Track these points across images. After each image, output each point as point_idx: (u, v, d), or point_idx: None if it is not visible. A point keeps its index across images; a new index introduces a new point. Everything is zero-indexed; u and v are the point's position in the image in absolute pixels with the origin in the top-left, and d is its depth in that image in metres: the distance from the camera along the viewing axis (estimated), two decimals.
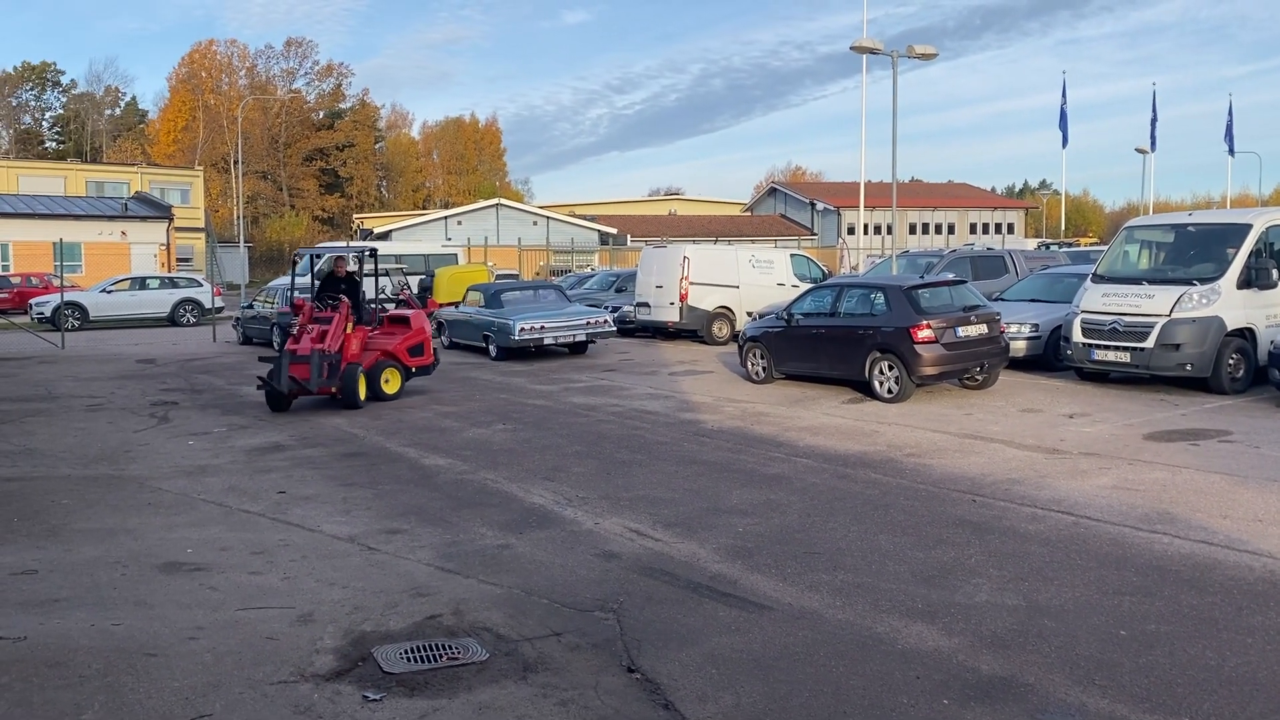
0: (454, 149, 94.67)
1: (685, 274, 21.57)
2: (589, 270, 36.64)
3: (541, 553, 7.03)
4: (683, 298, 21.57)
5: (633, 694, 4.78)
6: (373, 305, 14.93)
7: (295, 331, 14.12)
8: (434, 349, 15.39)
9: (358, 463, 10.30)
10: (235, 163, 60.25)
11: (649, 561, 6.78)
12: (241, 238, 51.42)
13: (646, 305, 22.52)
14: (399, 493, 8.94)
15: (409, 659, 5.20)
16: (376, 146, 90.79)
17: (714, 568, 6.60)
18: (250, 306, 24.72)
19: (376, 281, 15.55)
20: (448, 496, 8.75)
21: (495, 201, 55.85)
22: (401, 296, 26.23)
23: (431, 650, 5.30)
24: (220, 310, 30.84)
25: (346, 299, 14.19)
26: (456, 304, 22.41)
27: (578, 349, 20.20)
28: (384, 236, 46.80)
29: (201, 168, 61.50)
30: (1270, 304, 13.22)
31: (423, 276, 27.58)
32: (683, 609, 5.86)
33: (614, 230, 52.59)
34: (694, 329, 21.85)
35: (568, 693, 4.78)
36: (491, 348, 19.78)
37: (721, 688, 4.78)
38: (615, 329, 20.74)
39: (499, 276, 29.41)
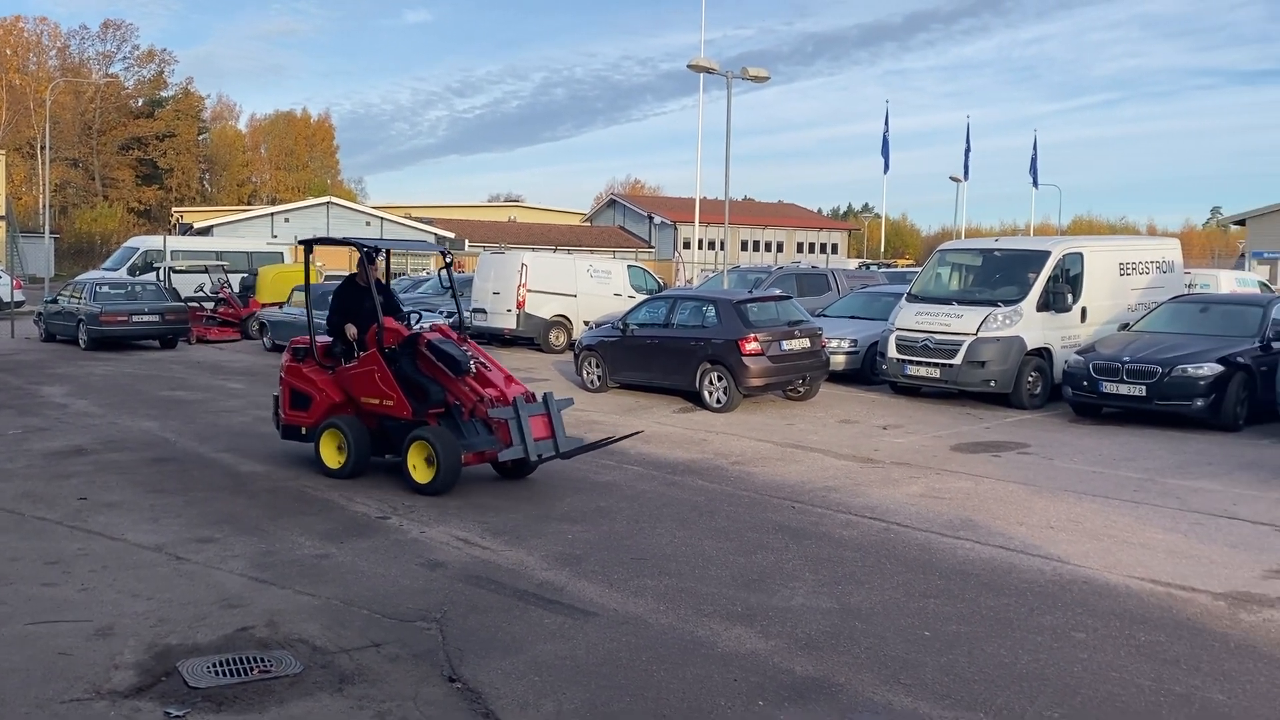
0: (284, 144, 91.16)
1: (523, 281, 21.48)
2: (424, 274, 35.97)
3: (363, 562, 6.84)
4: (520, 305, 21.46)
5: (453, 703, 4.71)
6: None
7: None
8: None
9: (168, 468, 9.76)
10: (42, 148, 56.20)
11: (475, 570, 6.71)
12: (47, 228, 47.93)
13: (483, 311, 22.28)
14: (212, 500, 8.53)
15: (217, 673, 4.96)
16: (200, 138, 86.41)
17: (541, 575, 6.59)
18: (54, 301, 23.07)
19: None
20: (265, 504, 8.41)
21: (326, 200, 54.05)
22: (221, 295, 25.15)
23: (242, 664, 5.08)
24: (20, 304, 28.68)
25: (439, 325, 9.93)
26: (281, 304, 21.57)
27: None
28: (205, 232, 44.61)
29: (3, 151, 57.13)
30: (1065, 326, 14.25)
31: (245, 275, 26.43)
32: (508, 617, 5.82)
33: (451, 234, 51.80)
34: (531, 337, 21.76)
35: (385, 704, 4.67)
36: None
37: (543, 695, 4.77)
38: None
39: (328, 278, 28.52)
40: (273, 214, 51.16)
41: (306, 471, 9.56)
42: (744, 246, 65.66)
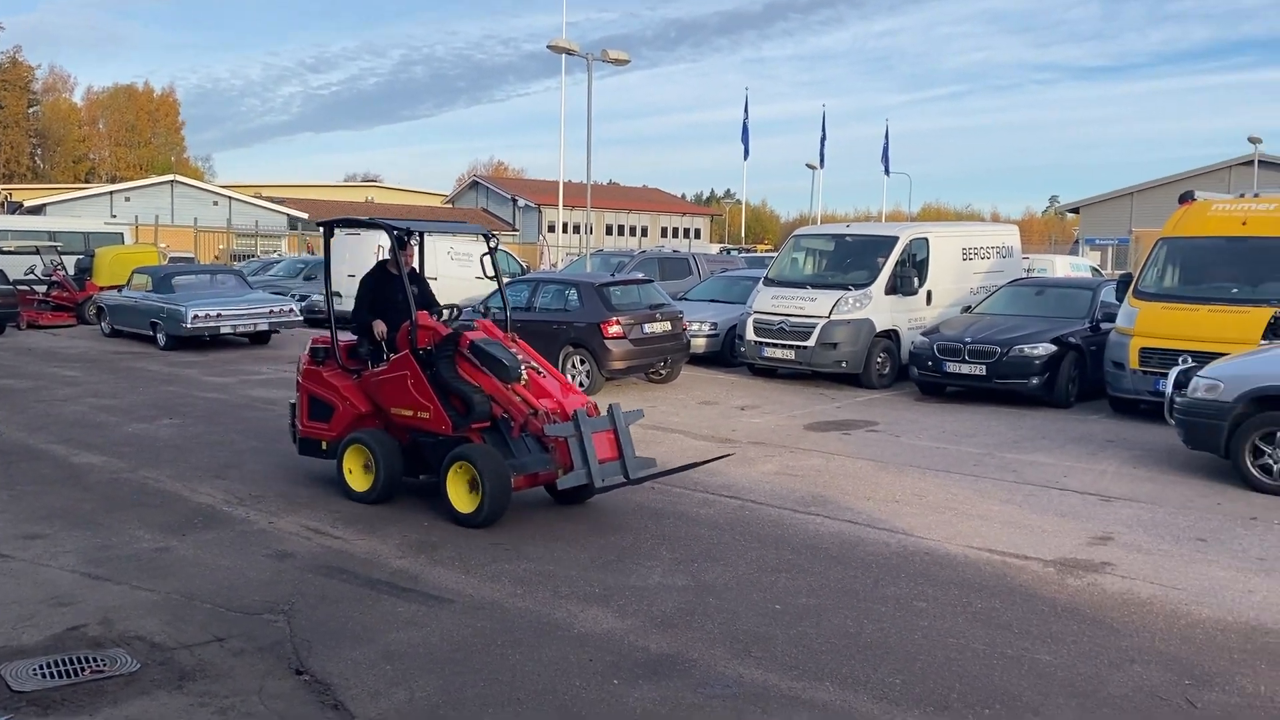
0: (124, 119, 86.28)
1: None
2: (275, 256, 34.74)
3: (207, 555, 6.58)
4: None
5: (300, 697, 4.58)
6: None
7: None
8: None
9: None
10: None
11: (327, 560, 6.53)
12: None
13: (338, 295, 21.65)
14: (42, 494, 8.04)
15: (44, 675, 4.69)
16: (30, 111, 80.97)
17: (395, 563, 6.47)
18: None
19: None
20: (101, 497, 7.98)
21: (170, 178, 51.56)
22: (55, 278, 23.66)
23: (72, 664, 4.82)
24: None
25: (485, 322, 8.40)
26: (120, 288, 20.46)
27: (259, 339, 19.09)
28: (37, 210, 41.93)
29: None
30: (912, 308, 14.81)
31: (81, 256, 24.96)
32: (359, 607, 5.69)
33: (305, 215, 50.16)
34: None
35: (228, 700, 4.50)
36: (160, 336, 18.24)
37: (395, 684, 4.69)
38: (302, 319, 19.80)
39: (172, 259, 27.21)
40: (112, 192, 48.52)
41: (148, 462, 9.12)
42: (609, 230, 65.81)
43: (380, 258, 8.95)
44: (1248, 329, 10.72)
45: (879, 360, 14.40)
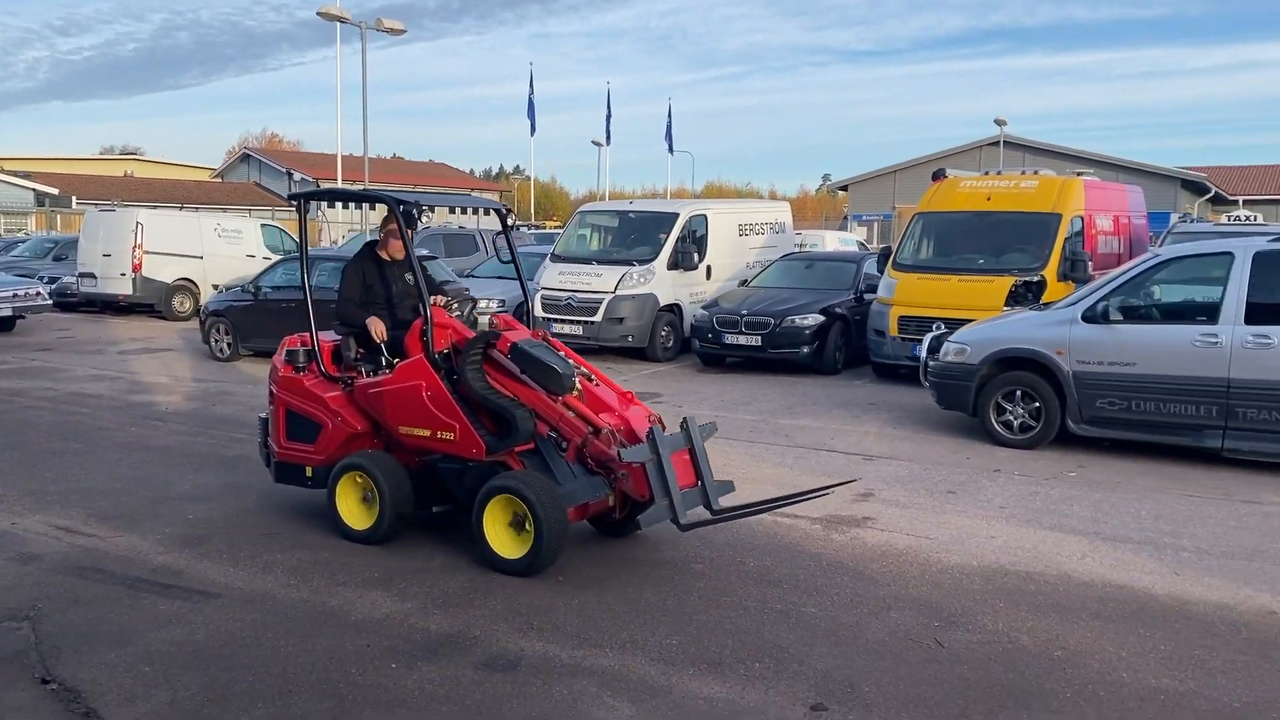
0: None
1: (138, 242, 19.62)
2: (20, 235, 31.79)
3: None
4: (136, 268, 19.60)
5: (46, 707, 4.25)
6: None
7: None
8: None
9: None
10: None
11: (79, 560, 6.07)
12: None
13: (92, 276, 20.12)
14: None
15: None
16: None
17: (157, 560, 6.09)
18: None
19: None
20: None
21: None
22: None
23: None
24: None
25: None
26: None
27: (3, 326, 17.47)
28: None
29: None
30: (693, 283, 15.24)
31: None
32: (116, 608, 5.33)
33: (55, 190, 46.13)
34: (150, 303, 19.97)
35: None
36: None
37: (155, 685, 4.43)
38: (51, 302, 18.28)
39: None
40: None
41: None
42: None
43: (131, 232, 8.15)
44: (992, 297, 11.65)
45: (663, 334, 14.75)
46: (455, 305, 6.89)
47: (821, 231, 29.25)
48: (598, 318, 14.37)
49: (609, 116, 51.65)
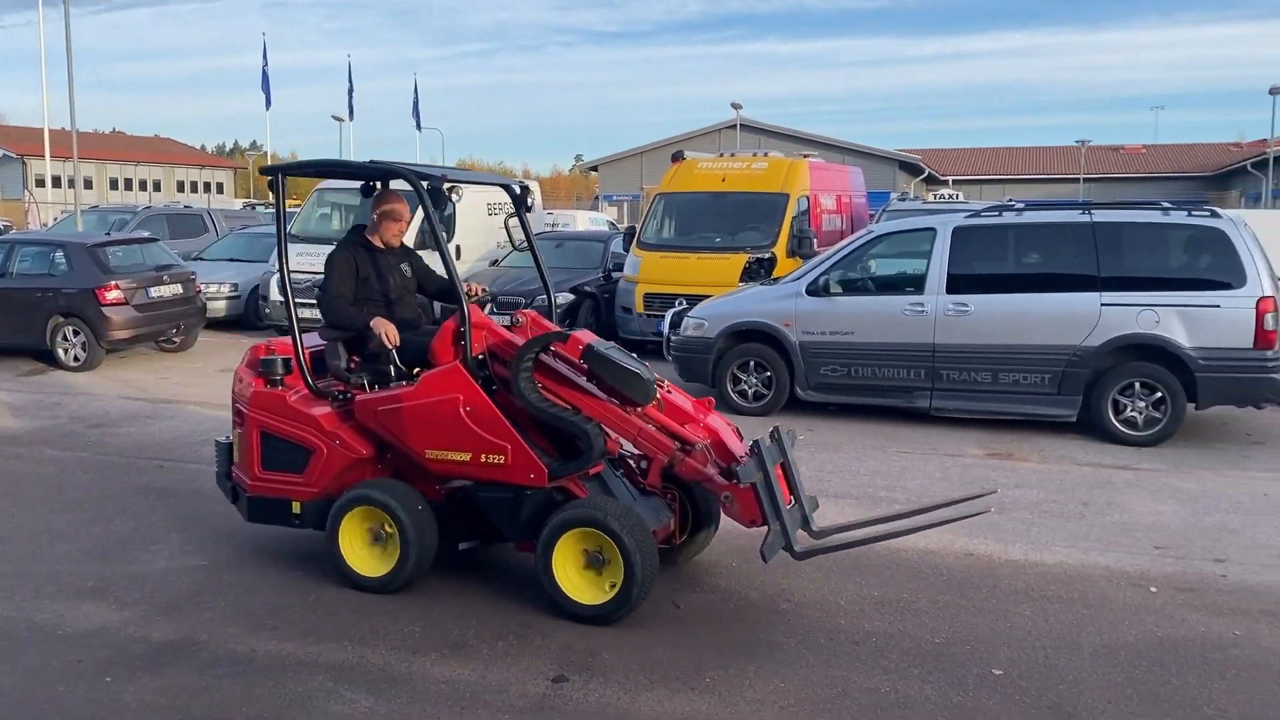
0: None
1: None
2: None
3: None
4: None
5: None
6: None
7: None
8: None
9: None
10: None
11: None
12: None
13: None
14: None
15: None
16: None
17: None
18: None
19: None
20: None
21: None
22: None
23: None
24: None
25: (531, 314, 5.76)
26: None
27: None
28: None
29: None
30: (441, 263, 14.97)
31: None
32: None
33: None
34: None
35: None
36: None
37: None
38: None
39: None
40: None
41: None
42: (115, 185, 59.11)
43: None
44: (728, 273, 12.17)
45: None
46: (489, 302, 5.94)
47: (573, 211, 29.56)
48: None
49: (351, 91, 49.73)
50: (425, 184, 5.29)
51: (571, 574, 4.93)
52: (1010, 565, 5.67)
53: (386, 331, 5.36)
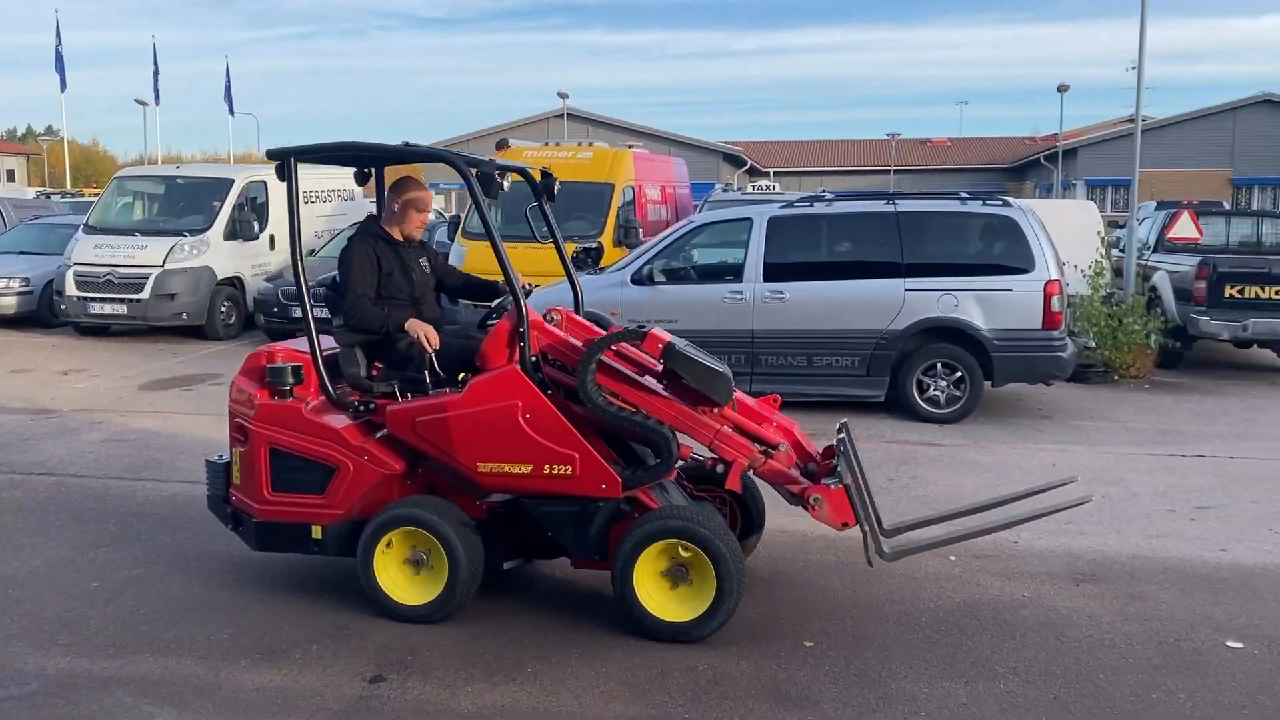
0: None
1: None
2: None
3: None
4: None
5: None
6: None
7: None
8: None
9: None
10: None
11: None
12: None
13: None
14: None
15: None
16: None
17: None
18: None
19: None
20: None
21: None
22: None
23: None
24: None
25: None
26: None
27: None
28: None
29: None
30: (255, 254, 14.40)
31: None
32: None
33: None
34: None
35: None
36: None
37: None
38: None
39: None
40: None
41: None
42: None
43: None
44: (554, 263, 12.08)
45: (223, 310, 13.83)
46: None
47: None
48: (144, 294, 13.12)
49: (156, 73, 46.92)
50: (474, 170, 4.77)
51: (659, 589, 4.62)
52: (822, 540, 5.91)
53: (426, 334, 4.89)
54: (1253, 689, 4.21)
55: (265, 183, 14.82)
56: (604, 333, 4.90)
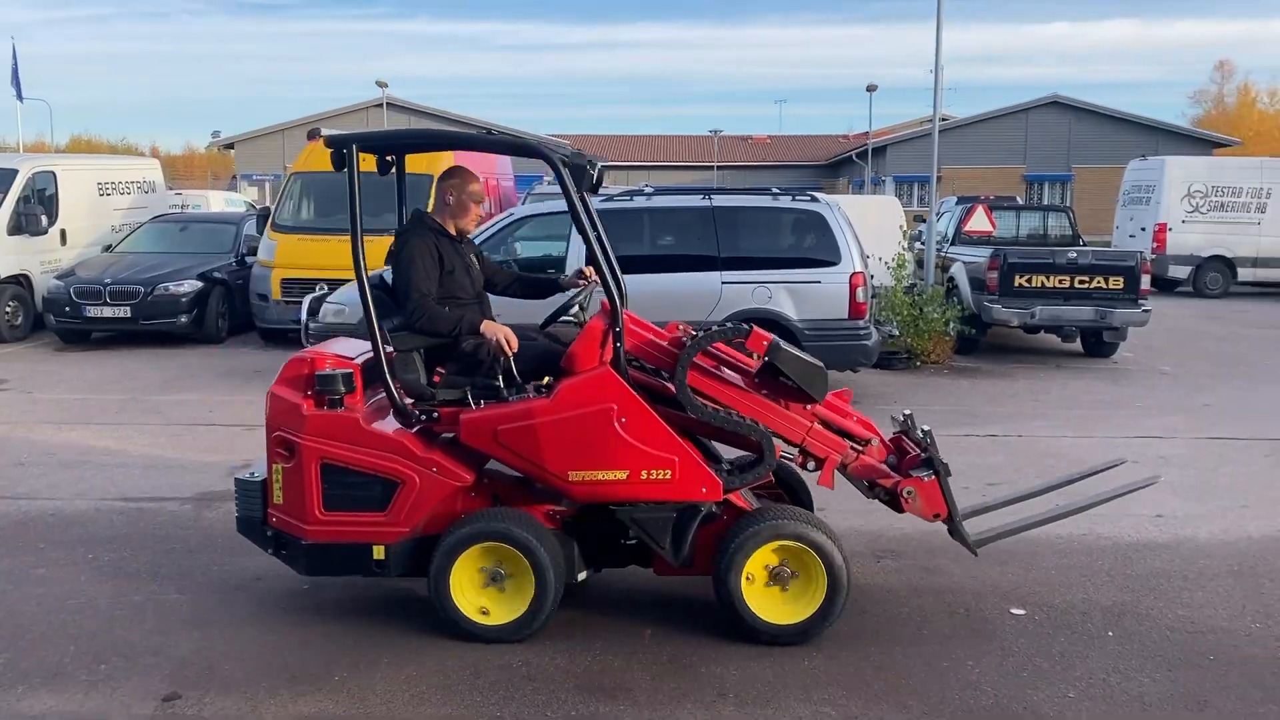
0: None
1: None
2: None
3: None
4: None
5: None
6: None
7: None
8: None
9: None
10: None
11: None
12: None
13: None
14: None
15: None
16: None
17: None
18: None
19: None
20: None
21: None
22: None
23: None
24: None
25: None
26: None
27: None
28: None
29: None
30: (44, 250, 13.44)
31: None
32: None
33: None
34: None
35: None
36: None
37: None
38: None
39: None
40: None
41: None
42: None
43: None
44: (371, 256, 11.81)
45: (8, 310, 12.84)
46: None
47: (205, 192, 27.42)
48: None
49: None
50: (565, 162, 4.48)
51: (770, 594, 4.51)
52: None
53: (506, 337, 4.58)
54: (1031, 652, 4.52)
55: (54, 173, 13.87)
56: (693, 332, 4.72)
